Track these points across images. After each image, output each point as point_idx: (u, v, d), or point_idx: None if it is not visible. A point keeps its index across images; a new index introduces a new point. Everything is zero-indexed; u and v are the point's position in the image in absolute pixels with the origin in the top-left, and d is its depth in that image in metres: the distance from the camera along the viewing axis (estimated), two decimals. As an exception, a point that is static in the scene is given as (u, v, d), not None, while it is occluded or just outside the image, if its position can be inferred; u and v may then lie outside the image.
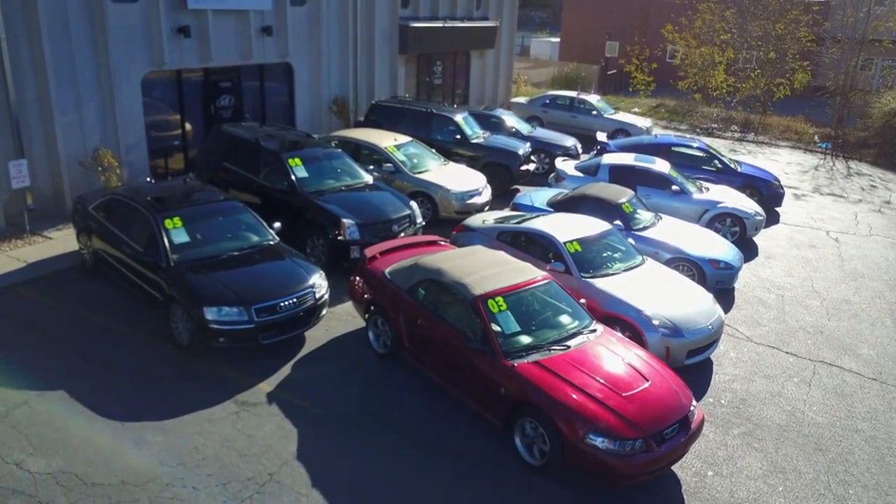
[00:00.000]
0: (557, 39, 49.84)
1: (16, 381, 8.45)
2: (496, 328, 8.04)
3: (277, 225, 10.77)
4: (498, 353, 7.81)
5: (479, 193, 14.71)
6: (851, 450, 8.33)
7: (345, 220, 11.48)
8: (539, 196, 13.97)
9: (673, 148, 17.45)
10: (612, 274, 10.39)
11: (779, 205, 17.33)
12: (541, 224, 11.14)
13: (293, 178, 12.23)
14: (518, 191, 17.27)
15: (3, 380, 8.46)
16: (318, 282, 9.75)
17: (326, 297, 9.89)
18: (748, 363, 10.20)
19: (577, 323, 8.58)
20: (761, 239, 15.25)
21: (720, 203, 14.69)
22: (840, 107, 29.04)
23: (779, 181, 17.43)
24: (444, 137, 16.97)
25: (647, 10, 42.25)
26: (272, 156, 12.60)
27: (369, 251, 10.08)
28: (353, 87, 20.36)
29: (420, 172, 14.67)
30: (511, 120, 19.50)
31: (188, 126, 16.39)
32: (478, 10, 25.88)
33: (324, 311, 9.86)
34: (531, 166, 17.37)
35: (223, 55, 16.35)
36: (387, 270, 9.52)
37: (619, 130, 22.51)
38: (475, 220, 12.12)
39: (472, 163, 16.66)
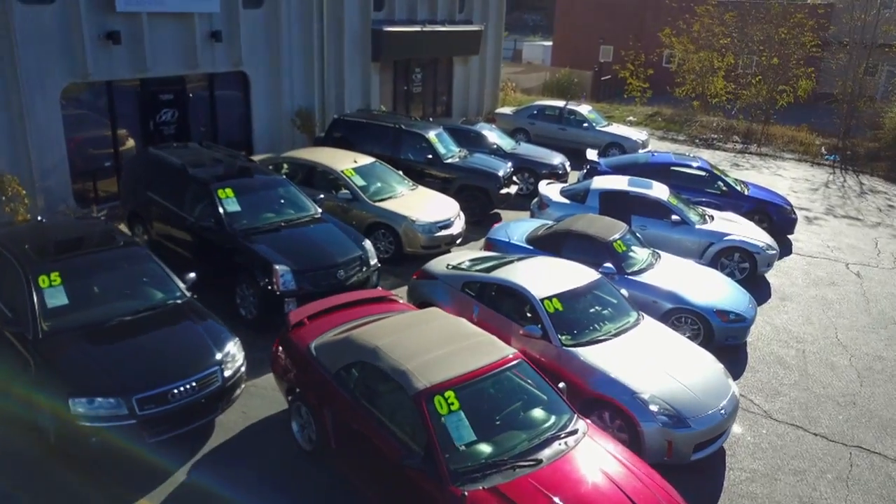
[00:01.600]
0: (550, 43, 47.77)
1: None
2: (444, 436, 5.96)
3: (192, 276, 8.67)
4: (444, 477, 5.72)
5: (451, 224, 12.62)
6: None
7: (277, 267, 9.38)
8: (517, 229, 11.87)
9: (672, 168, 15.36)
10: (601, 339, 8.30)
11: (791, 232, 15.26)
12: (514, 273, 9.04)
13: (221, 212, 10.12)
14: (499, 216, 15.22)
15: None
16: (232, 354, 7.66)
17: (242, 371, 7.80)
18: (769, 452, 8.11)
19: (553, 421, 6.50)
20: (774, 275, 13.18)
21: (727, 235, 12.61)
22: (847, 116, 27.00)
23: (790, 205, 15.35)
24: (414, 157, 14.87)
25: (643, 12, 40.19)
26: (199, 185, 10.49)
27: (295, 315, 7.97)
28: (319, 97, 18.26)
29: (382, 199, 12.58)
30: (492, 135, 17.39)
31: (130, 143, 14.31)
32: (461, 14, 23.79)
33: (239, 391, 7.76)
34: (513, 189, 15.27)
35: (163, 64, 14.24)
36: (313, 344, 7.42)
37: (612, 144, 20.43)
38: (438, 264, 10.02)
39: (445, 186, 14.58)
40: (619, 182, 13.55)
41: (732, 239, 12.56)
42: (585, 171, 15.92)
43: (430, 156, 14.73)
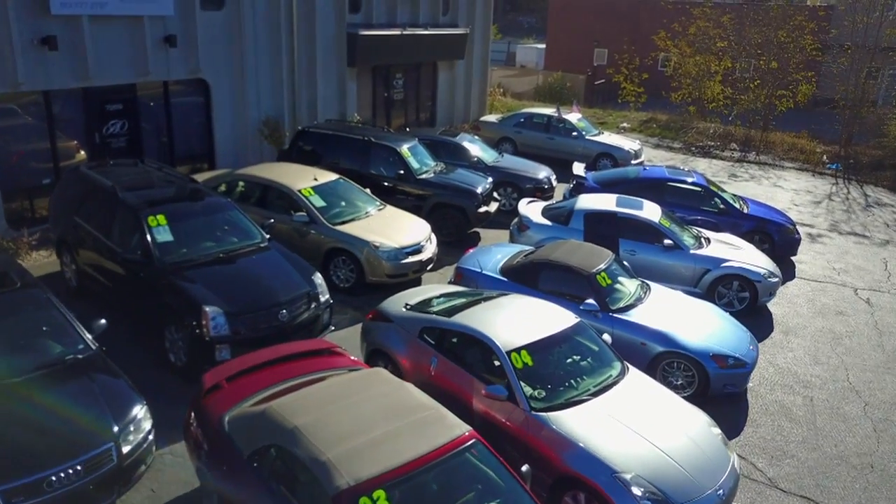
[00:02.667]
0: (544, 46, 46.48)
1: None
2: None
3: (102, 323, 7.38)
4: None
5: (421, 248, 11.33)
6: None
7: (207, 308, 8.07)
8: (491, 257, 10.58)
9: (665, 184, 14.06)
10: (578, 400, 7.01)
11: (794, 253, 13.96)
12: (479, 318, 7.74)
13: (150, 242, 8.81)
14: (477, 236, 13.94)
15: None
16: (137, 422, 6.37)
17: (150, 441, 6.51)
18: (775, 535, 6.84)
19: (510, 522, 5.22)
20: (776, 303, 11.90)
21: (725, 261, 11.33)
22: (850, 122, 25.73)
23: (793, 224, 14.05)
24: (385, 172, 13.57)
25: (638, 14, 38.93)
26: (128, 211, 9.18)
27: (211, 376, 6.64)
28: (289, 106, 16.96)
29: (344, 222, 11.28)
30: (473, 147, 16.08)
31: (82, 156, 13.03)
32: (445, 16, 22.50)
33: (144, 467, 6.46)
34: (493, 206, 13.98)
35: (109, 72, 12.93)
36: (227, 416, 6.12)
37: (603, 154, 19.14)
38: (395, 303, 8.71)
39: (418, 204, 13.29)
40: (605, 201, 12.26)
41: (731, 266, 11.27)
42: (571, 186, 14.63)
43: (402, 171, 13.44)
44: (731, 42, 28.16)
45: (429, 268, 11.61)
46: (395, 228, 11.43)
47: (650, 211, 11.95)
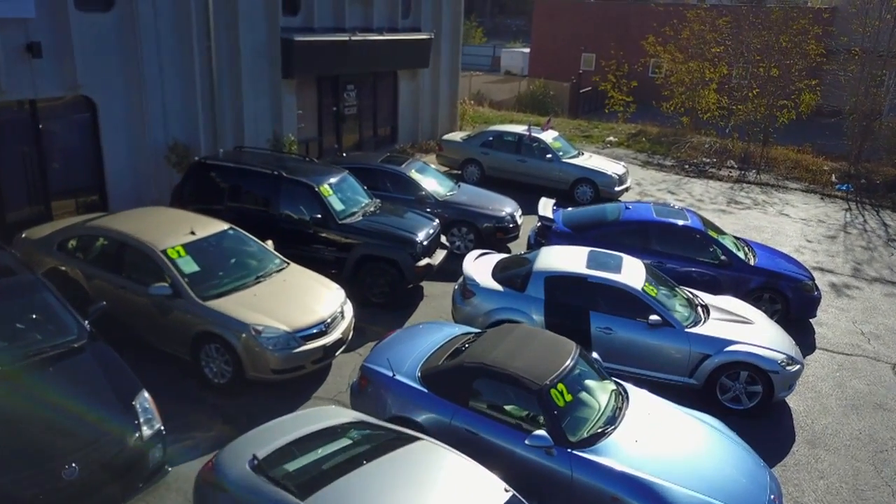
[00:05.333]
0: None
1: None
2: None
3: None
4: None
5: (326, 329, 8.33)
6: None
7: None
8: (415, 349, 7.53)
9: (652, 227, 11.08)
10: None
11: (812, 314, 11.00)
12: (361, 495, 4.77)
13: None
14: (420, 293, 10.99)
15: None
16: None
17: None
18: None
19: None
20: (797, 393, 8.92)
21: (730, 344, 8.37)
22: (860, 136, 22.77)
23: (810, 277, 11.07)
24: (299, 216, 10.57)
25: (628, 17, 35.95)
26: None
27: None
28: (207, 126, 13.93)
29: (221, 294, 8.25)
30: (423, 177, 13.04)
31: None
32: (406, 19, 19.50)
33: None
34: (438, 257, 10.99)
35: (-58, 90, 9.96)
36: None
37: (582, 180, 16.14)
38: (238, 455, 5.65)
39: (341, 256, 10.33)
40: (573, 259, 9.26)
41: (737, 351, 8.31)
42: (536, 230, 11.64)
43: (320, 214, 10.43)
44: (727, 47, 25.21)
45: (338, 353, 8.62)
46: (291, 301, 8.43)
47: (631, 273, 8.96)
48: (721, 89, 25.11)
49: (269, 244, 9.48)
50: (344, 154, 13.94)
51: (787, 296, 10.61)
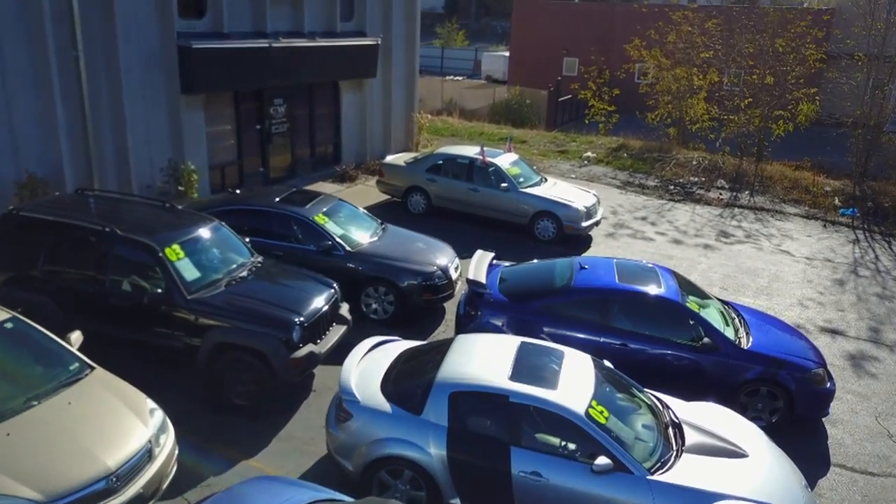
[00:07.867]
0: (511, 54, 40.71)
1: None
2: None
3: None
4: None
5: (113, 485, 5.45)
6: None
7: None
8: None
9: (612, 297, 8.23)
10: None
11: (824, 412, 8.17)
12: None
13: None
14: (308, 389, 8.17)
15: None
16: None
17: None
18: None
19: None
20: (808, 559, 6.13)
21: (719, 499, 5.57)
22: (865, 152, 19.99)
23: (821, 362, 8.25)
24: (136, 290, 7.72)
25: (612, 20, 33.11)
26: None
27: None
28: (77, 156, 11.15)
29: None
30: (337, 224, 10.10)
31: None
32: (348, 22, 16.65)
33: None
34: (332, 338, 8.13)
35: None
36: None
37: (543, 214, 13.30)
38: None
39: (193, 344, 7.49)
40: (494, 360, 6.40)
41: (724, 514, 5.51)
42: (465, 299, 8.80)
43: (164, 287, 7.57)
44: (717, 52, 22.40)
45: (140, 512, 5.79)
46: (63, 441, 5.59)
47: (573, 384, 6.13)
48: (711, 98, 22.37)
49: (75, 337, 6.65)
50: (237, 191, 11.09)
51: (791, 389, 7.80)
